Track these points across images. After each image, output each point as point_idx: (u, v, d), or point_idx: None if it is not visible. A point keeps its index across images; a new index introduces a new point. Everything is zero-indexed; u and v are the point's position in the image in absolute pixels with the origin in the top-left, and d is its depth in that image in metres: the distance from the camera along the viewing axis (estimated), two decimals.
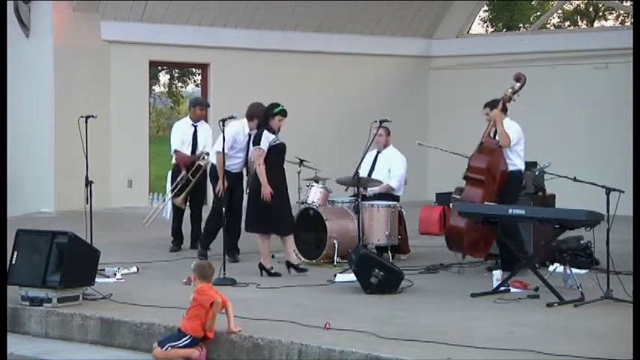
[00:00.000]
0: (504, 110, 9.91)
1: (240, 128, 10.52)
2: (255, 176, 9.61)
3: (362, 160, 10.50)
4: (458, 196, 10.00)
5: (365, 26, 18.31)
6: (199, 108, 11.72)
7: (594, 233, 8.32)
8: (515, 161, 9.83)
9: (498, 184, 9.71)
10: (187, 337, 6.90)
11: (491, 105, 9.98)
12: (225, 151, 9.92)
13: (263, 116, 9.79)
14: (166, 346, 6.90)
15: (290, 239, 9.76)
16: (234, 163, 10.62)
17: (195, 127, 11.55)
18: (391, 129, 11.27)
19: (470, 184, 9.83)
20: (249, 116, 10.51)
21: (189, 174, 11.28)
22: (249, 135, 10.55)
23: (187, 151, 11.45)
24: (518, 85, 9.97)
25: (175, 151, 11.49)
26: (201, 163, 11.31)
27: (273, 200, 9.45)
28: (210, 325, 6.95)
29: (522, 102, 16.71)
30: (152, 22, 16.55)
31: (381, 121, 10.32)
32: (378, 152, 11.21)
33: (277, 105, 9.70)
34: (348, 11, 17.83)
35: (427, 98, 18.54)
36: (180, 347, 6.88)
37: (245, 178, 10.86)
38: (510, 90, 9.95)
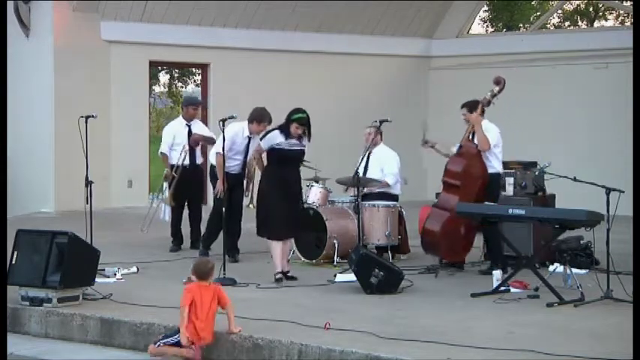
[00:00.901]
0: (482, 113, 9.94)
1: (239, 130, 10.47)
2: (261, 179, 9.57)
3: (361, 160, 10.48)
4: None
5: (365, 26, 18.31)
6: (192, 107, 11.68)
7: (594, 233, 8.33)
8: (494, 164, 9.87)
9: (479, 188, 9.74)
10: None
11: (469, 105, 10.03)
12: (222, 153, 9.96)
13: (285, 118, 9.56)
14: (158, 342, 6.91)
15: (285, 245, 9.55)
16: (233, 165, 10.55)
17: (189, 126, 11.52)
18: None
19: (446, 189, 9.87)
20: (250, 119, 10.45)
21: (173, 172, 11.28)
22: (249, 138, 10.54)
23: (182, 151, 11.37)
24: (497, 88, 9.99)
25: (162, 153, 11.49)
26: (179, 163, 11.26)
27: (267, 204, 9.34)
28: (181, 324, 6.90)
29: (523, 102, 16.72)
30: (152, 22, 16.55)
31: (381, 121, 10.28)
32: (370, 152, 11.16)
33: (298, 111, 9.40)
34: (348, 11, 17.82)
35: (427, 98, 18.55)
36: (171, 344, 6.89)
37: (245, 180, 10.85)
38: (490, 93, 9.97)
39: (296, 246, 10.53)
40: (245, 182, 10.79)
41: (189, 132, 11.46)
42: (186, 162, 11.31)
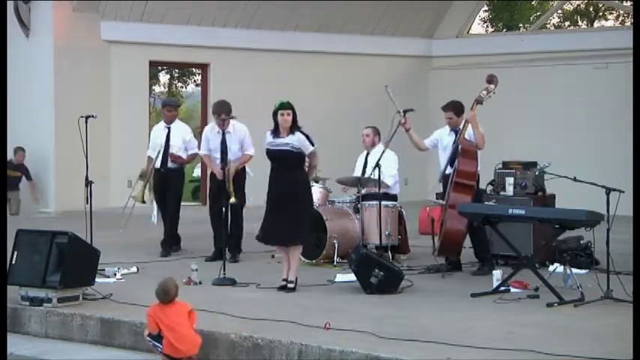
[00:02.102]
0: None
1: (208, 129, 10.35)
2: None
3: (382, 155, 10.29)
4: (441, 201, 10.00)
5: (365, 26, 18.32)
6: (167, 109, 11.50)
7: (594, 233, 8.32)
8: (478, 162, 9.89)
9: (475, 186, 9.80)
10: (160, 345, 6.87)
11: (456, 108, 10.03)
12: (206, 152, 10.40)
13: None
14: (150, 340, 6.90)
15: (291, 253, 8.96)
16: (216, 165, 10.50)
17: (169, 128, 11.34)
18: (378, 129, 11.25)
19: (458, 189, 9.71)
20: (212, 112, 10.41)
21: (149, 172, 11.20)
22: (222, 133, 10.47)
23: (159, 153, 11.24)
24: (492, 86, 10.00)
25: (148, 157, 11.43)
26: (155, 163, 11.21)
27: (269, 209, 9.04)
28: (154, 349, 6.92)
29: (523, 102, 16.66)
30: (152, 22, 16.57)
31: (405, 111, 10.12)
32: (368, 153, 11.15)
33: (280, 100, 8.93)
34: (348, 11, 17.84)
35: (427, 98, 18.54)
36: (156, 350, 6.89)
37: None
38: (485, 92, 9.97)
39: None
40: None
41: (168, 134, 11.28)
42: (157, 165, 11.21)
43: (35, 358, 7.37)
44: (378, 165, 10.02)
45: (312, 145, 8.90)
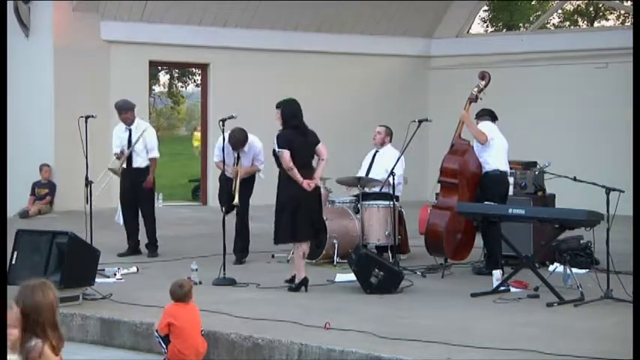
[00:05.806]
0: (490, 114, 9.96)
1: (221, 142, 10.30)
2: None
3: (398, 160, 10.29)
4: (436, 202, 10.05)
5: (365, 26, 18.31)
6: (123, 113, 11.34)
7: (594, 233, 8.33)
8: (489, 160, 9.80)
9: (475, 184, 9.75)
10: (165, 348, 6.86)
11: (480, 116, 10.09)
12: (219, 159, 10.37)
13: None
14: (158, 338, 6.89)
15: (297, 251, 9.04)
16: (228, 164, 10.52)
17: (130, 130, 11.27)
18: (391, 129, 11.27)
19: (444, 188, 9.84)
20: (230, 143, 10.29)
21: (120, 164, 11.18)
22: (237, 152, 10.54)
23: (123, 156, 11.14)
24: (483, 83, 10.02)
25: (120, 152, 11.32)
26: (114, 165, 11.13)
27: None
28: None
29: (522, 102, 16.70)
30: (152, 22, 16.55)
31: (420, 121, 10.09)
32: (377, 151, 11.19)
33: None
34: (348, 11, 17.82)
35: (427, 98, 18.54)
36: (161, 349, 6.88)
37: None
38: (476, 89, 9.99)
39: None
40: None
41: (130, 137, 11.24)
42: (124, 165, 11.17)
43: None
44: (392, 173, 10.01)
45: (278, 147, 8.89)
